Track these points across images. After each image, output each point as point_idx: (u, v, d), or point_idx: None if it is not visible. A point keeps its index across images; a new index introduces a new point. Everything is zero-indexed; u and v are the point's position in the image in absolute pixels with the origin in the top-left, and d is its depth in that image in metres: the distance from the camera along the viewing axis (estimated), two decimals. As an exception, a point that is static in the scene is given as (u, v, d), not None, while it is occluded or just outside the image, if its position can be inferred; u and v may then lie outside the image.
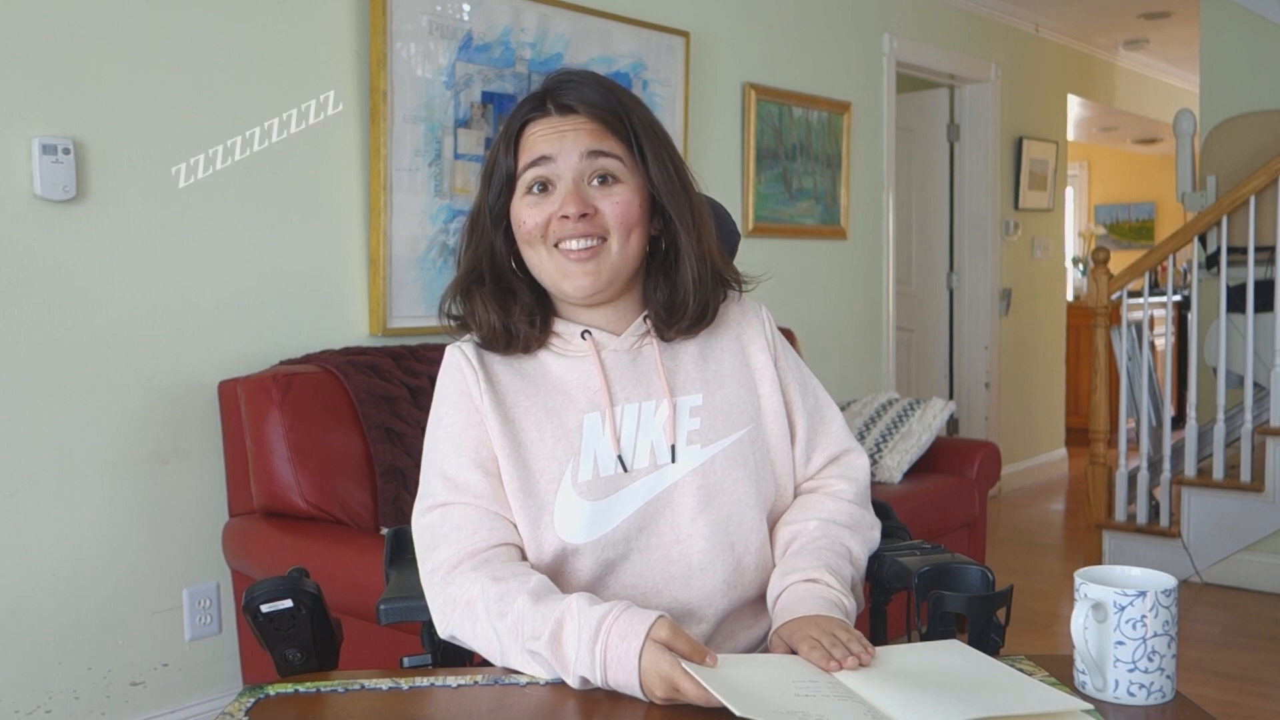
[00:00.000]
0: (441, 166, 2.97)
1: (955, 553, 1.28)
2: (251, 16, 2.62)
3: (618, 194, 1.22)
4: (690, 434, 1.25)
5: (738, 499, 1.24)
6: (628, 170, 1.23)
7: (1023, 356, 5.85)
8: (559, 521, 1.20)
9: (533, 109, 1.24)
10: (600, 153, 1.21)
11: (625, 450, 1.23)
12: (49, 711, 2.35)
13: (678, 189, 1.25)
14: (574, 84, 1.23)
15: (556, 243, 1.21)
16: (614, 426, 1.23)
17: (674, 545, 1.22)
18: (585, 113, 1.22)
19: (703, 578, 1.22)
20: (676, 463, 1.23)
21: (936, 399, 3.51)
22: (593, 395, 1.24)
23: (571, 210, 1.19)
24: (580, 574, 1.21)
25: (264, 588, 1.12)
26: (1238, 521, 3.90)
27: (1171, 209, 8.72)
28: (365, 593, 1.86)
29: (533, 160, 1.22)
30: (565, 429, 1.23)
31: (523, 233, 1.23)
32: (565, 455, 1.22)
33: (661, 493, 1.22)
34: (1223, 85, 4.49)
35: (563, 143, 1.20)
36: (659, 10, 3.59)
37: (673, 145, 1.28)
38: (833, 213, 4.42)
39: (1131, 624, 0.98)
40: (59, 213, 2.33)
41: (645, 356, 1.28)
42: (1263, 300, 3.99)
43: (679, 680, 0.98)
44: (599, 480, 1.21)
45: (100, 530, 2.42)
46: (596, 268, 1.21)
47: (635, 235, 1.23)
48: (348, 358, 2.58)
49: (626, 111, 1.23)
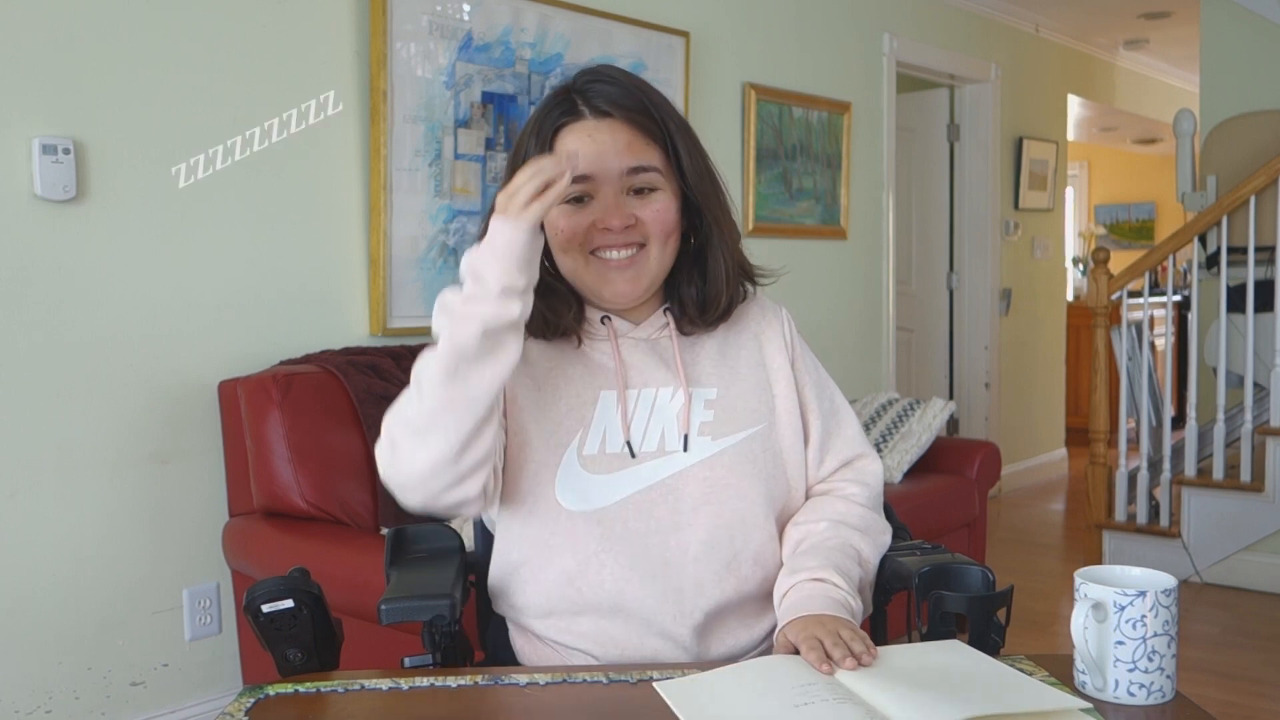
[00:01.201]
0: (441, 166, 2.97)
1: (955, 553, 1.28)
2: (251, 16, 2.62)
3: (656, 202, 1.23)
4: (702, 425, 1.26)
5: (743, 494, 1.25)
6: (664, 178, 1.24)
7: (1023, 356, 5.85)
8: (559, 486, 1.22)
9: (565, 111, 1.24)
10: (640, 168, 1.22)
11: (635, 434, 1.24)
12: (49, 711, 2.35)
13: (709, 186, 1.27)
14: (603, 84, 1.23)
15: (594, 250, 1.23)
16: (625, 408, 1.25)
17: (672, 532, 1.22)
18: (621, 116, 1.22)
19: (696, 567, 1.21)
20: (688, 451, 1.24)
21: (936, 399, 3.51)
22: (610, 376, 1.27)
23: (615, 224, 1.21)
24: (573, 544, 1.22)
25: (265, 588, 1.12)
26: (1238, 521, 3.90)
27: (1171, 209, 8.72)
28: (365, 593, 1.86)
29: (572, 177, 1.19)
30: (581, 398, 1.25)
31: (558, 240, 1.24)
32: (576, 424, 1.24)
33: (667, 478, 1.23)
34: (1223, 85, 4.49)
35: (603, 159, 1.21)
36: (659, 10, 3.59)
37: (698, 140, 1.29)
38: (833, 213, 4.42)
39: (1131, 624, 0.98)
40: (59, 213, 2.33)
41: (663, 347, 1.30)
42: (1263, 300, 3.99)
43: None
44: (603, 456, 1.23)
45: (100, 530, 2.42)
46: (636, 274, 1.24)
47: (672, 240, 1.26)
48: (348, 358, 2.58)
49: (661, 114, 1.24)
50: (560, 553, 1.22)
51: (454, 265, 3.02)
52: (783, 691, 0.98)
